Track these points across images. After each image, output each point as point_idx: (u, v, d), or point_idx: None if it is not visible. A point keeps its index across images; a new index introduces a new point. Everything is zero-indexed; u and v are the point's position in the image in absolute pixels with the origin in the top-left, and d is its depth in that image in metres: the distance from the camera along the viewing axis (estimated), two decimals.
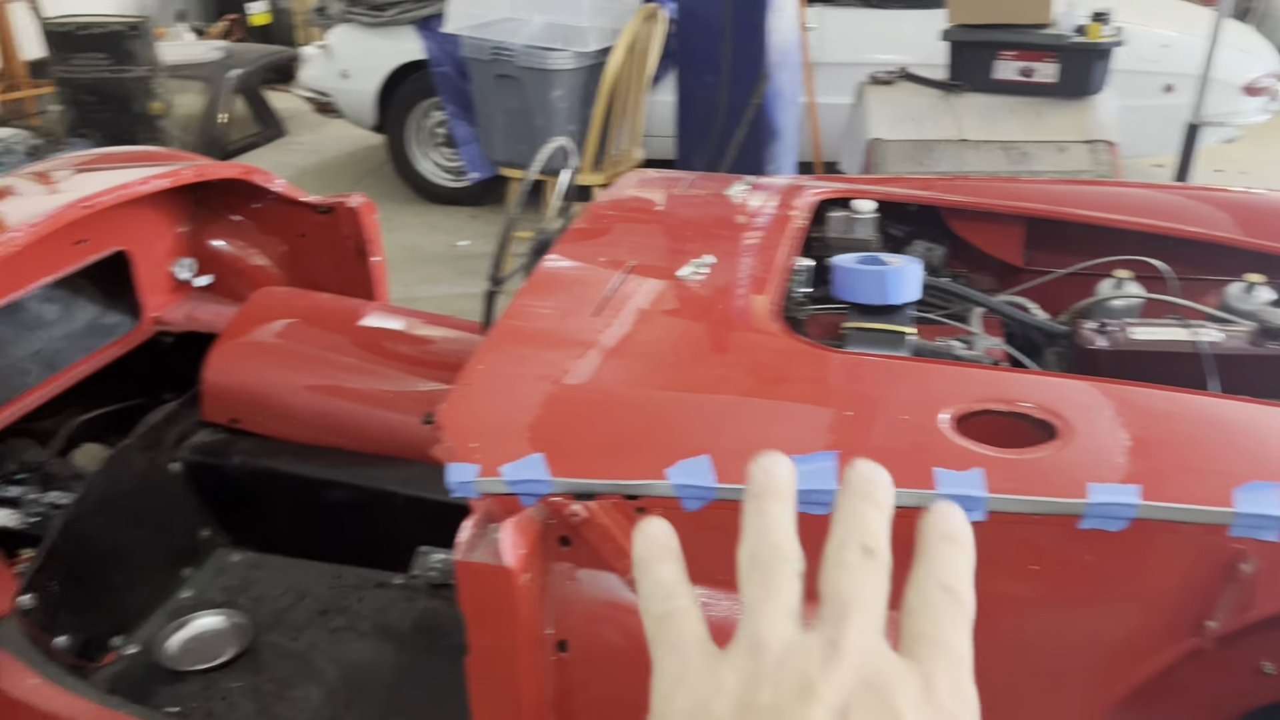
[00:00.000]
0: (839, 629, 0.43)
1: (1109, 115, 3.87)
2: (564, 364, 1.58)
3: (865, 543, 0.45)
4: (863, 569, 0.45)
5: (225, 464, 2.35)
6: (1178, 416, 1.47)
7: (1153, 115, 4.80)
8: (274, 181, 2.77)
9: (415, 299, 4.78)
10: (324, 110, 6.11)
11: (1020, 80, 3.89)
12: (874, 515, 0.47)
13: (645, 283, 1.81)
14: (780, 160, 4.40)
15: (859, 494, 0.48)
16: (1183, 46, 4.83)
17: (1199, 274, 2.22)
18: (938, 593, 0.44)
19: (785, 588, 0.45)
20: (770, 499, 0.47)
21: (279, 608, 2.25)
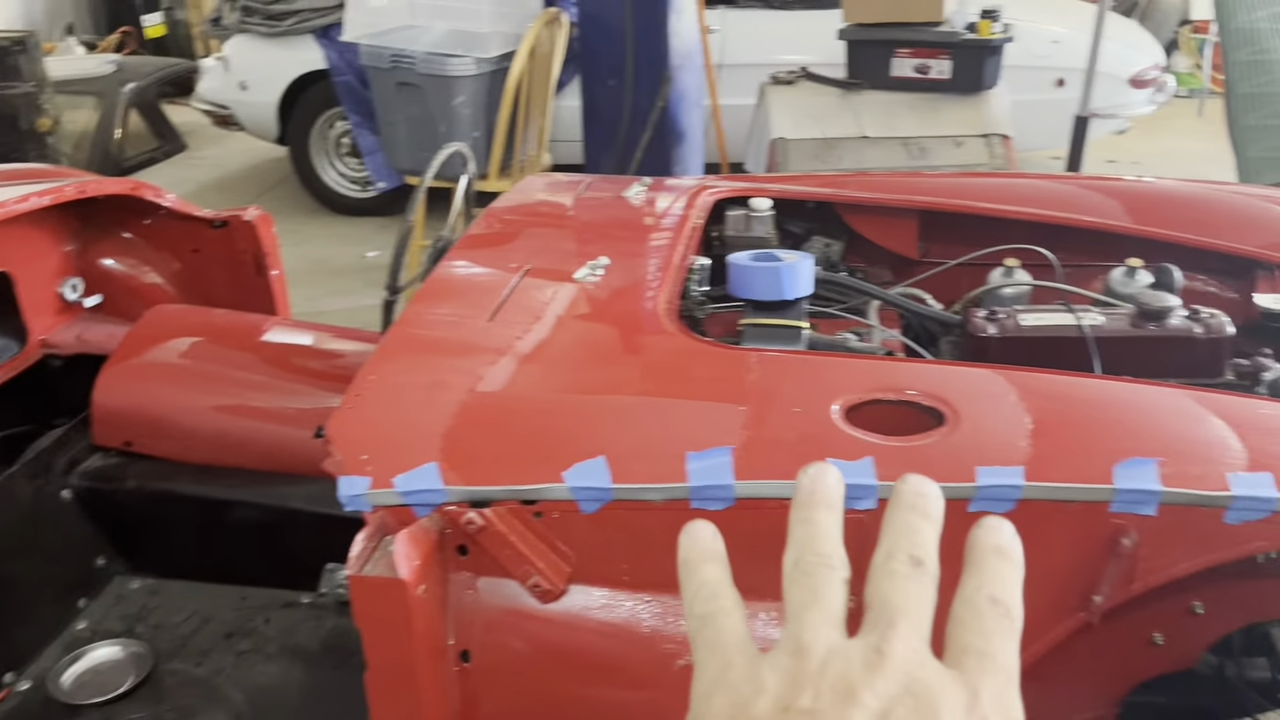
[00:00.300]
0: (884, 637, 0.42)
1: (1002, 109, 3.98)
2: (458, 370, 1.56)
3: (914, 553, 0.46)
4: (911, 579, 0.45)
5: (120, 489, 2.28)
6: (1061, 398, 1.51)
7: (1046, 109, 4.95)
8: (164, 196, 2.69)
9: (324, 312, 4.69)
10: (224, 123, 5.98)
11: (916, 77, 3.97)
12: (924, 527, 0.47)
13: (541, 285, 1.80)
14: (686, 162, 4.43)
15: (909, 506, 0.48)
16: (1072, 42, 4.99)
17: (1085, 260, 2.29)
18: (987, 605, 0.44)
19: (830, 594, 0.45)
20: (817, 508, 0.48)
21: (181, 634, 2.19)
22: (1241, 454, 1.38)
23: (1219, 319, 1.80)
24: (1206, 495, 1.31)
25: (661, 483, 1.36)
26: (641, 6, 4.02)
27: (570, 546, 1.40)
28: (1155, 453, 1.36)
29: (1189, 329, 1.79)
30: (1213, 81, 6.78)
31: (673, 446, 1.40)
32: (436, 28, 4.52)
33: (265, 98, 5.63)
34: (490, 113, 4.59)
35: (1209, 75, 6.67)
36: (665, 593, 1.42)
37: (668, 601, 1.41)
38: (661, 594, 1.42)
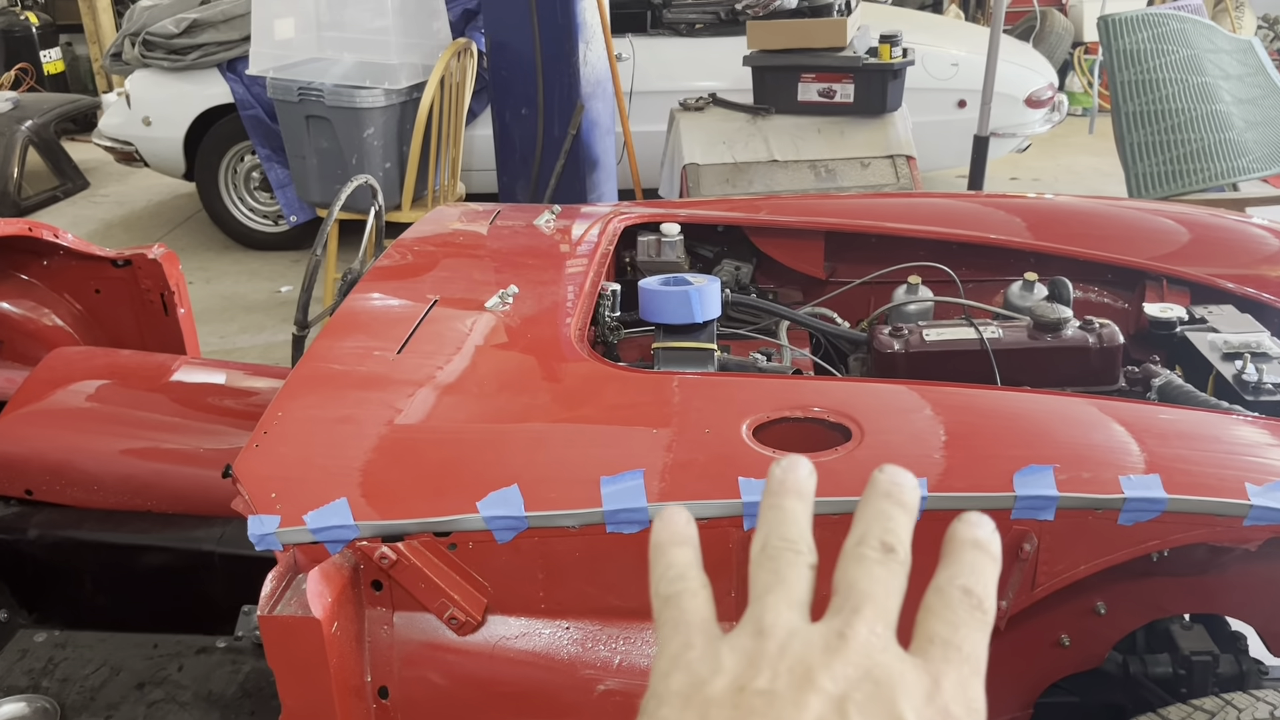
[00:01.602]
0: (848, 621, 0.42)
1: (906, 131, 4.09)
2: (368, 404, 1.55)
3: (885, 539, 0.45)
4: (880, 565, 0.44)
5: (21, 539, 2.20)
6: (964, 410, 1.56)
7: (948, 129, 5.09)
8: (63, 236, 2.62)
9: (237, 349, 4.61)
10: (128, 160, 5.83)
11: (822, 101, 4.06)
12: (898, 515, 0.46)
13: (452, 315, 1.79)
14: (601, 189, 4.46)
15: (884, 493, 0.46)
16: (970, 64, 5.15)
17: (985, 275, 2.36)
18: (958, 595, 0.43)
19: (794, 578, 0.44)
20: (787, 495, 0.47)
21: (90, 686, 2.11)
22: (1135, 457, 1.44)
23: (1110, 329, 1.88)
24: (1100, 499, 1.36)
25: (575, 508, 1.36)
26: (549, 36, 4.05)
27: (486, 577, 1.40)
28: (1052, 459, 1.41)
29: (1083, 339, 1.85)
30: (1102, 99, 7.05)
31: (586, 471, 1.40)
32: (344, 60, 4.48)
33: (170, 133, 5.51)
34: (402, 144, 4.57)
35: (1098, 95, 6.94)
36: (584, 618, 1.42)
37: (586, 627, 1.42)
38: (580, 619, 1.42)
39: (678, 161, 4.06)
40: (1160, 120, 3.49)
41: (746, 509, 1.35)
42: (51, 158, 6.60)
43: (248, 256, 5.68)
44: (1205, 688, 1.63)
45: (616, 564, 1.41)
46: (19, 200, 6.20)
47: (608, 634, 1.42)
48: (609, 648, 1.41)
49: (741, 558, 1.39)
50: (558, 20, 4.03)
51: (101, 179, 7.12)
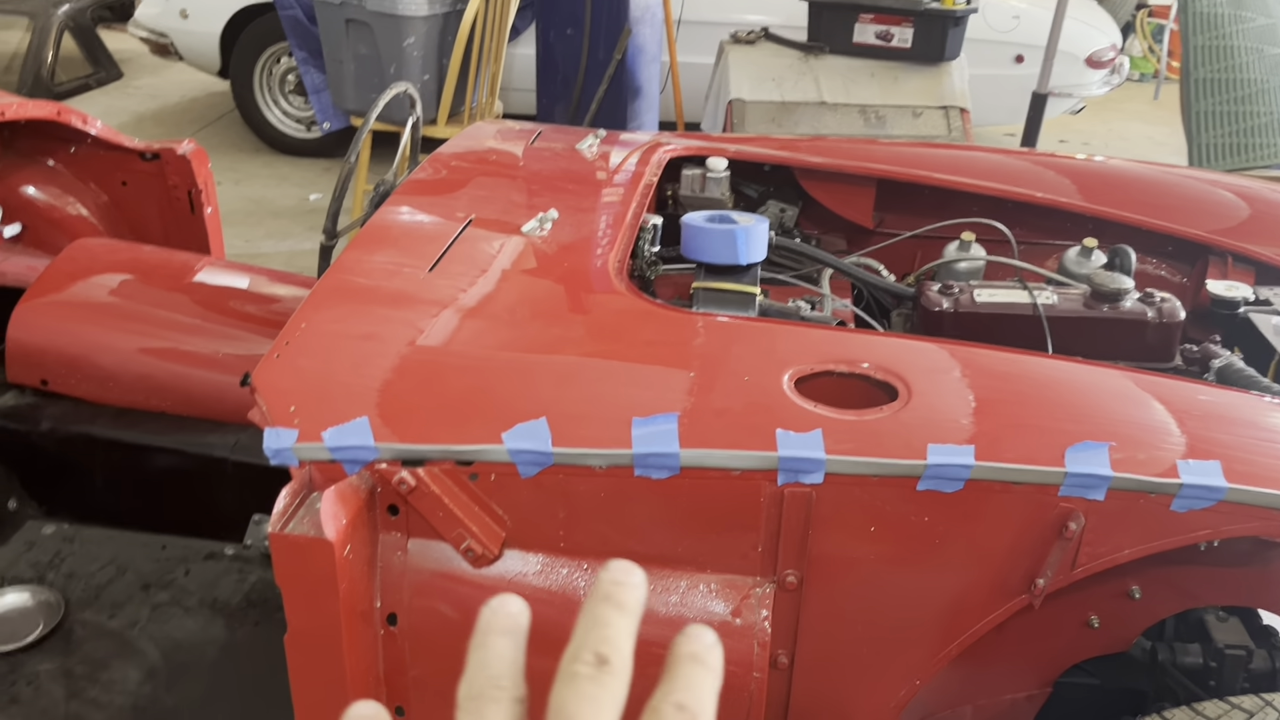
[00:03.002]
0: None
1: (962, 82, 3.94)
2: (394, 322, 1.49)
3: (600, 650, 0.42)
4: (593, 681, 0.42)
5: (34, 430, 2.17)
6: (1014, 377, 1.49)
7: (1004, 84, 4.93)
8: (91, 124, 2.56)
9: (261, 255, 4.55)
10: (162, 52, 5.73)
11: (878, 44, 3.91)
12: (616, 620, 0.44)
13: (486, 237, 1.72)
14: (642, 118, 4.34)
15: (604, 596, 0.44)
16: (1032, 18, 4.97)
17: (1041, 238, 2.27)
18: (671, 712, 0.42)
19: (496, 717, 0.43)
20: (493, 633, 0.45)
21: (96, 583, 2.10)
22: (1189, 441, 1.37)
23: (1172, 303, 1.79)
24: (1156, 482, 1.29)
25: (605, 448, 1.31)
26: None
27: (506, 510, 1.35)
28: (1106, 436, 1.34)
29: (1142, 312, 1.77)
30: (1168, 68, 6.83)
31: (617, 411, 1.34)
32: None
33: (207, 28, 5.40)
34: (442, 56, 4.45)
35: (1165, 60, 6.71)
36: (603, 560, 1.37)
37: None
38: (599, 562, 1.37)
39: (723, 96, 3.94)
40: (1231, 90, 3.34)
41: (783, 463, 1.29)
42: (87, 45, 6.49)
43: (278, 161, 5.61)
44: (1235, 682, 1.57)
45: (641, 508, 1.35)
46: (52, 86, 6.11)
47: None
48: None
49: (771, 513, 1.33)
50: None
51: (135, 70, 7.02)
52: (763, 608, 1.35)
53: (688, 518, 1.35)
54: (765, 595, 1.36)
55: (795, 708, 1.45)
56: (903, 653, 1.42)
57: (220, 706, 1.82)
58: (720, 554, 1.36)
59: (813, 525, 1.33)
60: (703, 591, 1.36)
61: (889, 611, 1.40)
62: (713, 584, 1.37)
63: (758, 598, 1.36)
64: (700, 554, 1.37)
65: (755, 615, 1.35)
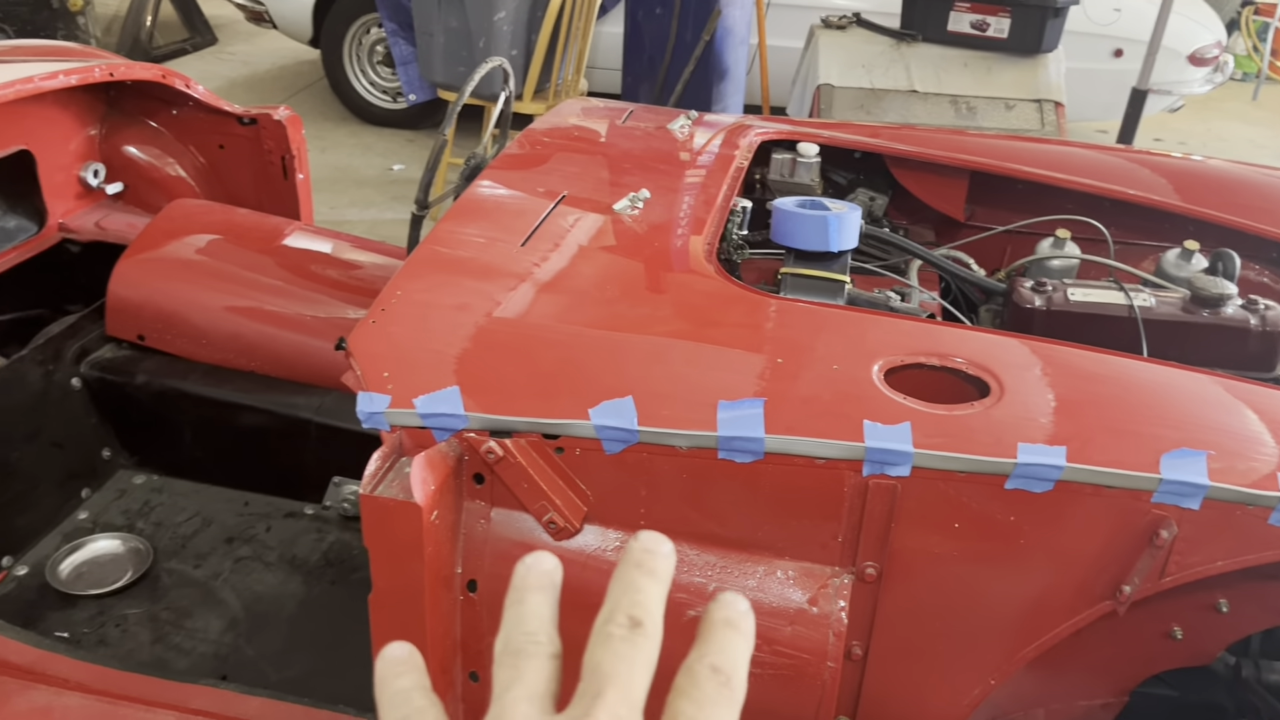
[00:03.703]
0: (589, 709, 0.41)
1: (1058, 75, 3.85)
2: (486, 295, 1.50)
3: (633, 614, 0.44)
4: (626, 642, 0.43)
5: (129, 382, 2.24)
6: (1109, 379, 1.45)
7: (1099, 79, 4.80)
8: (194, 87, 2.62)
9: (345, 221, 4.63)
10: (257, 20, 5.85)
11: (973, 34, 3.84)
12: (648, 585, 0.45)
13: (577, 214, 1.73)
14: (727, 100, 4.32)
15: (635, 563, 0.46)
16: (1134, 12, 4.82)
17: (1138, 238, 2.21)
18: (706, 673, 0.43)
19: (533, 671, 0.43)
20: (529, 590, 0.46)
21: (182, 534, 2.17)
22: None
23: (1276, 311, 1.74)
24: (1256, 494, 1.26)
25: (690, 429, 1.31)
26: None
27: (588, 485, 1.36)
28: (1204, 445, 1.30)
29: (1244, 320, 1.72)
30: (1270, 68, 6.59)
31: (704, 393, 1.35)
32: None
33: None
34: (530, 32, 4.47)
35: (1267, 59, 6.47)
36: (681, 541, 1.38)
37: (683, 550, 1.37)
38: (677, 542, 1.38)
39: (811, 81, 3.90)
40: None
41: (869, 454, 1.28)
42: (184, 10, 6.65)
43: (364, 130, 5.69)
44: None
45: (722, 491, 1.35)
46: (149, 49, 6.28)
47: (704, 560, 1.37)
48: (703, 574, 1.37)
49: (854, 503, 1.33)
50: None
51: (229, 37, 7.17)
52: (840, 598, 1.35)
53: (769, 503, 1.35)
54: (843, 586, 1.36)
55: (867, 700, 1.44)
56: (979, 651, 1.40)
57: (297, 659, 1.87)
58: (800, 542, 1.36)
59: (896, 518, 1.32)
60: (780, 578, 1.36)
61: (968, 609, 1.38)
62: (790, 571, 1.36)
63: (835, 588, 1.36)
64: (779, 540, 1.37)
65: (832, 605, 1.34)
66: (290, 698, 1.60)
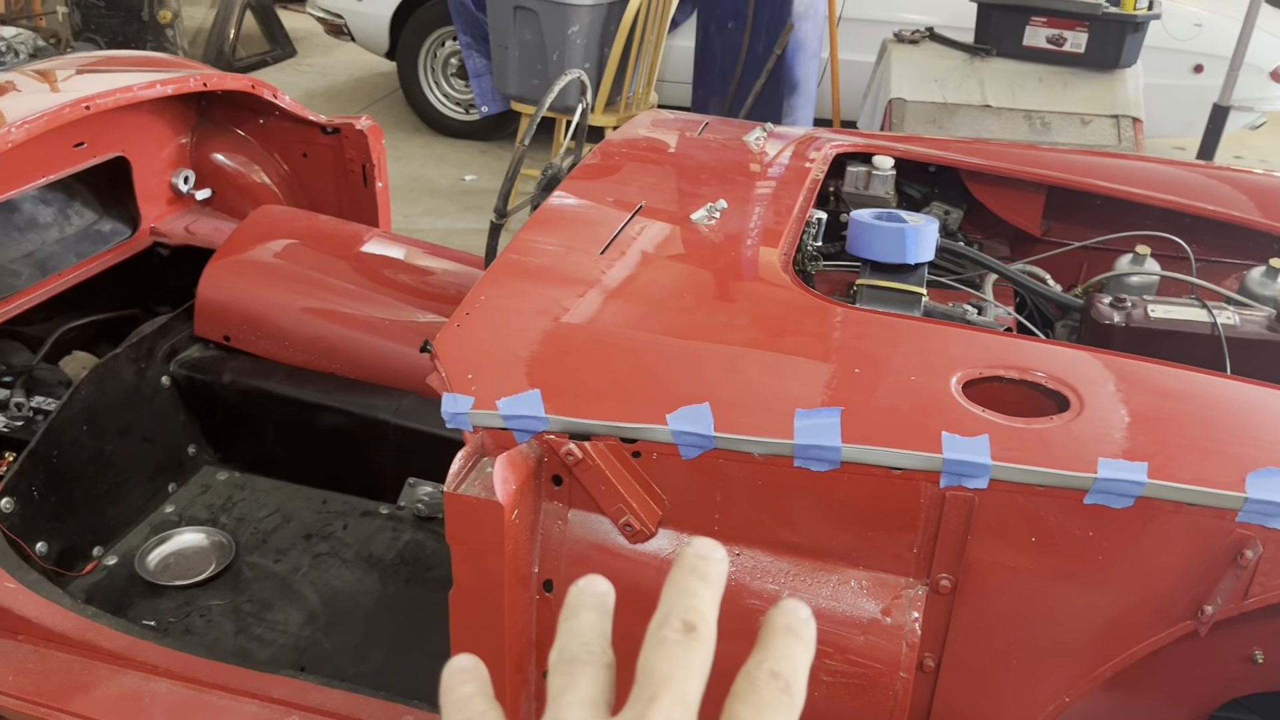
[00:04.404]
0: (644, 710, 0.41)
1: (1136, 91, 3.79)
2: (566, 301, 1.54)
3: (687, 619, 0.44)
4: (680, 646, 0.43)
5: (216, 381, 2.32)
6: (1191, 397, 1.44)
7: (1178, 95, 4.72)
8: (281, 97, 2.70)
9: (418, 230, 4.72)
10: (336, 32, 5.99)
11: (1049, 49, 3.80)
12: (701, 591, 0.45)
13: (655, 224, 1.76)
14: (798, 114, 4.33)
15: (690, 569, 0.46)
16: (1215, 27, 4.73)
17: (1219, 255, 2.18)
18: (765, 679, 0.42)
19: (587, 678, 0.44)
20: (584, 608, 0.47)
21: (263, 529, 2.23)
22: None
23: None
24: None
25: (767, 436, 1.32)
26: None
27: (665, 490, 1.38)
28: None
29: None
30: None
31: (780, 401, 1.36)
32: None
33: (379, 10, 5.62)
34: (602, 45, 4.52)
35: None
36: (755, 548, 1.39)
37: (757, 557, 1.39)
38: (752, 548, 1.39)
39: (883, 95, 3.89)
40: None
41: (947, 466, 1.29)
42: (265, 23, 6.84)
43: (437, 141, 5.79)
44: None
45: (797, 499, 1.37)
46: (232, 60, 6.47)
47: (778, 567, 1.38)
48: (777, 581, 1.38)
49: (931, 514, 1.33)
50: None
51: (308, 49, 7.35)
52: (914, 609, 1.35)
53: (844, 512, 1.36)
54: (917, 597, 1.36)
55: (938, 713, 1.44)
56: (1054, 668, 1.39)
57: (374, 654, 1.91)
58: (874, 551, 1.37)
59: (972, 530, 1.32)
60: (853, 587, 1.37)
61: (1044, 624, 1.38)
62: (864, 581, 1.37)
63: (909, 599, 1.36)
64: (854, 550, 1.37)
65: (905, 616, 1.35)
66: (367, 690, 1.65)
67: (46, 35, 5.52)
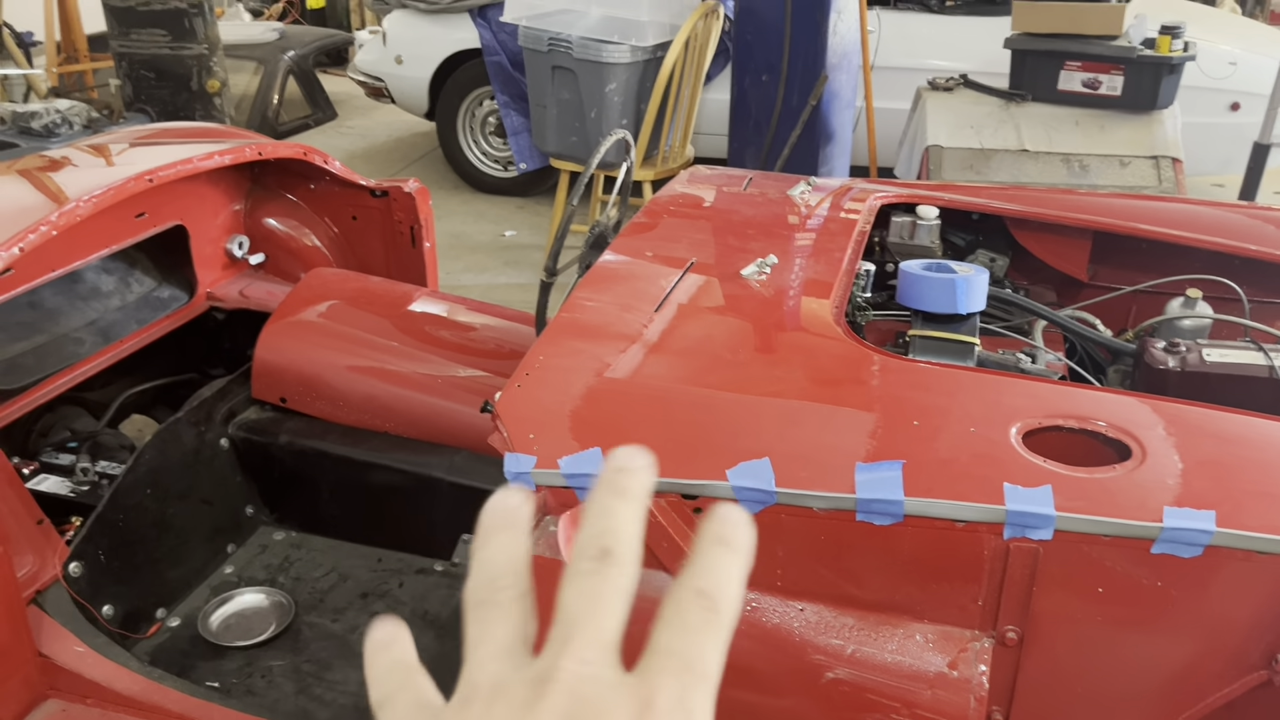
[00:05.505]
0: (555, 659, 0.38)
1: (1175, 131, 3.79)
2: (623, 359, 1.56)
3: (603, 543, 0.40)
4: (595, 577, 0.40)
5: (272, 442, 2.36)
6: (1255, 442, 1.43)
7: (1217, 133, 4.71)
8: (331, 163, 2.77)
9: (461, 286, 4.78)
10: (376, 95, 6.13)
11: (1085, 92, 3.82)
12: (619, 508, 0.41)
13: (707, 280, 1.78)
14: (834, 163, 4.36)
15: (606, 485, 0.41)
16: (1250, 64, 4.73)
17: (1269, 296, 2.16)
18: (690, 599, 0.39)
19: (500, 623, 0.41)
20: (493, 534, 0.43)
21: (320, 588, 2.26)
22: None
23: None
24: None
25: (828, 490, 1.33)
26: (802, 4, 3.96)
27: None
28: None
29: None
30: None
31: (840, 455, 1.37)
32: (594, 14, 4.54)
33: (419, 73, 5.75)
34: (640, 101, 4.60)
35: None
36: (819, 602, 1.39)
37: (821, 612, 1.39)
38: (815, 603, 1.39)
39: (920, 142, 3.92)
40: None
41: (1010, 517, 1.29)
42: (307, 87, 7.01)
43: (476, 198, 5.89)
44: None
45: (859, 553, 1.37)
46: (276, 125, 6.63)
47: (842, 622, 1.38)
48: (841, 636, 1.38)
49: (995, 566, 1.33)
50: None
51: (348, 112, 7.52)
52: (980, 662, 1.34)
53: (907, 566, 1.36)
54: (983, 649, 1.35)
55: None
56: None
57: None
58: (939, 604, 1.36)
59: (1037, 582, 1.31)
60: (919, 641, 1.37)
61: (1113, 676, 1.36)
62: (930, 634, 1.37)
63: (975, 651, 1.35)
64: (919, 603, 1.37)
65: (973, 669, 1.34)
66: None
67: (99, 106, 5.70)
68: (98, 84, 6.55)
